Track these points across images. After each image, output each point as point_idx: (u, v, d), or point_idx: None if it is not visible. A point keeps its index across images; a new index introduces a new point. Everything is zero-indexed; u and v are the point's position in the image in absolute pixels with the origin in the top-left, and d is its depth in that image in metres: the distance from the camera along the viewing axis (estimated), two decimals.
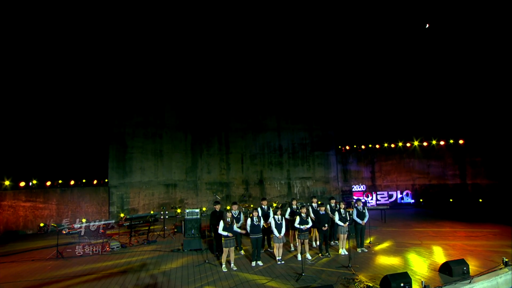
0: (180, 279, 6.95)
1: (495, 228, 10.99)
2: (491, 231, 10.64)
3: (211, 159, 17.05)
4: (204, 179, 16.81)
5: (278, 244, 7.96)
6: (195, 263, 8.03)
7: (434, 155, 17.11)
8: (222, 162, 17.20)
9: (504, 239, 9.50)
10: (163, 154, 16.39)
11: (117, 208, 15.12)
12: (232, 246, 7.59)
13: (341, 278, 6.62)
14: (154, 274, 7.32)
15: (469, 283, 6.20)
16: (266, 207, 9.11)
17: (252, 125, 17.75)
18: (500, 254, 7.89)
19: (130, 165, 15.67)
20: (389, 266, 7.37)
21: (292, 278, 6.76)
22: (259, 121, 17.87)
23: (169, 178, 16.35)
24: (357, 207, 8.94)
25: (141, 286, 6.62)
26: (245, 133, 17.63)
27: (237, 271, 7.41)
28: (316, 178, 18.50)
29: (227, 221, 7.57)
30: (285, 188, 18.01)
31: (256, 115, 17.83)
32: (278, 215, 8.07)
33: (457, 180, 16.81)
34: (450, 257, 7.82)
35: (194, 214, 10.86)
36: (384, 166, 17.93)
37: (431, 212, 14.98)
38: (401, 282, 5.85)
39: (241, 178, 17.40)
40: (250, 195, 17.09)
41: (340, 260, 7.95)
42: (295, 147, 18.39)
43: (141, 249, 9.56)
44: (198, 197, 16.51)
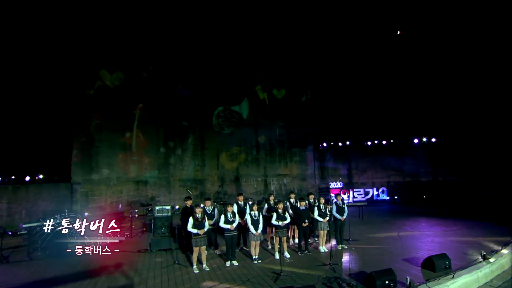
0: (145, 283, 6.21)
1: (466, 223, 11.11)
2: (463, 226, 10.74)
3: (185, 155, 16.19)
4: (178, 176, 15.92)
5: (255, 242, 7.41)
6: (164, 264, 7.30)
7: (409, 153, 17.37)
8: (196, 158, 16.39)
9: (476, 234, 9.58)
10: (133, 149, 15.34)
11: (80, 206, 13.88)
12: (204, 245, 6.94)
13: (322, 277, 6.18)
14: (115, 277, 6.52)
15: (452, 277, 5.98)
16: (242, 203, 8.53)
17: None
18: (476, 248, 7.87)
19: (97, 160, 14.48)
20: (370, 263, 7.05)
21: (270, 279, 6.24)
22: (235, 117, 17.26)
23: (140, 174, 15.32)
24: (337, 202, 8.60)
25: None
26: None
27: (209, 272, 6.78)
28: (293, 175, 18.16)
29: (197, 217, 6.92)
30: (261, 186, 17.51)
31: (233, 110, 17.21)
32: (255, 211, 7.53)
33: (430, 177, 17.17)
34: (429, 252, 7.65)
35: (165, 211, 10.08)
36: (361, 163, 17.96)
37: (406, 208, 15.08)
38: (385, 280, 5.52)
39: (216, 175, 16.68)
40: (225, 192, 16.43)
41: (320, 258, 7.54)
42: (272, 144, 17.92)
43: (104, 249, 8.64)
44: (171, 195, 15.59)
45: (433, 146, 17.04)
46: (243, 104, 17.32)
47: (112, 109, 14.69)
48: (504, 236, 8.91)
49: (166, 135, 15.83)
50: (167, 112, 15.76)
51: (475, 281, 6.34)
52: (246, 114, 17.32)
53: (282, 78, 18.07)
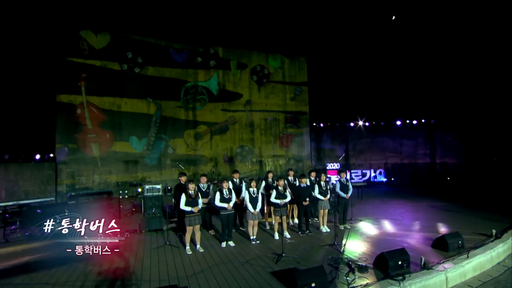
0: (132, 264, 5.63)
1: (468, 205, 10.78)
2: (466, 206, 10.40)
3: (177, 133, 15.42)
4: (169, 156, 15.20)
5: (252, 222, 6.87)
6: (154, 245, 6.72)
7: (407, 134, 16.93)
8: (189, 137, 15.66)
9: (481, 214, 9.21)
10: (122, 127, 14.49)
11: (66, 187, 13.14)
12: (197, 224, 6.36)
13: (327, 258, 5.69)
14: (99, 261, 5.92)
15: (467, 257, 5.56)
16: (238, 181, 7.93)
17: (223, 98, 16.30)
18: (483, 228, 7.50)
19: (83, 139, 13.66)
20: (377, 243, 6.60)
21: (270, 260, 5.72)
22: (230, 94, 16.44)
23: (130, 154, 14.57)
24: (341, 179, 8.09)
25: (81, 275, 5.24)
26: (214, 106, 16.15)
27: (204, 253, 6.23)
28: (289, 156, 17.61)
29: (190, 193, 6.30)
30: (256, 166, 16.95)
31: (228, 87, 16.37)
32: (253, 188, 6.94)
33: (427, 159, 16.85)
34: (435, 231, 7.25)
35: (155, 190, 9.34)
36: (358, 144, 17.48)
37: (404, 190, 14.76)
38: (398, 260, 5.04)
39: (209, 155, 16.01)
40: (219, 173, 15.83)
41: (323, 238, 7.05)
42: (267, 124, 17.27)
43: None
44: (162, 175, 14.92)
45: (432, 128, 16.63)
46: (211, 81, 16.12)
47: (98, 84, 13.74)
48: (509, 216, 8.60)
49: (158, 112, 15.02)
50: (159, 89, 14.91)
51: (489, 261, 5.95)
52: (216, 90, 16.14)
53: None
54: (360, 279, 4.86)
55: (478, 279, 5.46)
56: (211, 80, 16.11)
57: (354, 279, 4.85)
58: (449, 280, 5.14)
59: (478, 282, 5.36)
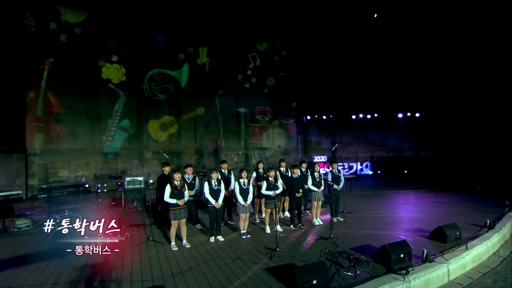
0: (111, 262, 5.08)
1: (456, 195, 10.87)
2: (454, 198, 10.45)
3: (160, 125, 14.71)
4: (151, 148, 14.48)
5: (244, 215, 6.43)
6: (135, 242, 6.16)
7: (393, 127, 16.98)
8: (172, 128, 14.97)
9: (470, 205, 9.25)
10: (101, 117, 13.60)
11: (38, 181, 12.19)
12: (184, 218, 5.86)
13: (324, 252, 5.36)
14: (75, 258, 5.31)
15: (466, 249, 5.39)
16: (227, 172, 7.46)
17: (208, 88, 15.65)
18: (474, 219, 7.49)
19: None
20: (372, 236, 6.35)
21: (264, 256, 5.32)
22: (215, 84, 15.81)
23: (109, 145, 13.74)
24: (333, 170, 7.79)
25: (51, 276, 4.63)
26: (199, 96, 15.49)
27: (191, 249, 5.75)
28: (275, 148, 17.27)
29: (175, 184, 5.78)
30: (242, 159, 16.48)
31: (213, 77, 15.73)
32: (244, 179, 6.50)
33: (412, 152, 17.00)
34: (430, 223, 7.10)
35: (137, 182, 8.80)
36: (345, 137, 17.39)
37: (391, 182, 14.77)
38: (400, 253, 4.77)
39: (194, 147, 15.39)
40: (204, 166, 15.25)
41: (316, 231, 6.74)
42: (254, 115, 16.80)
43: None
44: (143, 168, 14.18)
45: (417, 121, 16.74)
46: (183, 71, 15.15)
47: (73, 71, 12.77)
48: (498, 207, 8.65)
49: (139, 102, 14.24)
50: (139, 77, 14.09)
51: (486, 252, 5.85)
52: (185, 81, 15.13)
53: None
54: (362, 273, 4.55)
55: (477, 271, 5.31)
56: (182, 71, 15.13)
57: (356, 274, 4.54)
58: (450, 273, 4.94)
59: (477, 273, 5.20)
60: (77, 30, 12.76)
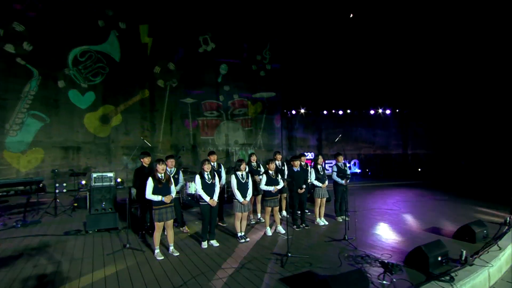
0: (72, 278, 3.81)
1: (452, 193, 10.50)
2: (451, 196, 10.05)
3: (131, 116, 13.16)
4: (120, 142, 12.90)
5: (241, 214, 5.39)
6: (107, 251, 4.87)
7: (380, 124, 16.69)
8: (145, 121, 13.47)
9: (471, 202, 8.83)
10: (60, 106, 11.86)
11: None
12: (170, 219, 4.71)
13: (343, 256, 4.47)
14: (28, 272, 3.97)
15: (500, 249, 4.77)
16: (216, 164, 6.38)
17: (186, 79, 14.35)
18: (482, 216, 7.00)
19: (4, 117, 10.80)
20: (392, 236, 5.58)
21: (274, 263, 4.31)
22: (194, 74, 14.55)
23: (70, 138, 12.01)
24: (337, 163, 6.98)
25: None
26: (176, 87, 14.15)
27: (180, 257, 4.61)
28: (258, 145, 16.30)
29: (159, 177, 4.63)
30: (222, 156, 15.33)
31: (192, 67, 14.45)
32: (242, 172, 5.46)
33: (400, 150, 16.85)
34: (446, 221, 6.51)
35: (106, 179, 7.36)
36: (332, 134, 16.78)
37: (382, 181, 14.28)
38: (438, 255, 4.01)
39: (169, 142, 13.99)
40: (180, 163, 13.90)
41: (324, 233, 5.85)
42: (236, 109, 15.72)
43: (12, 234, 5.83)
44: (111, 165, 12.58)
45: (405, 118, 16.61)
46: (114, 42, 12.66)
47: None
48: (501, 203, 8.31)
49: (106, 90, 12.67)
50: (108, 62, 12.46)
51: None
52: (118, 56, 12.76)
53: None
54: (399, 282, 3.71)
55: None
56: (109, 42, 12.63)
57: (392, 282, 3.69)
58: (490, 277, 4.26)
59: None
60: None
